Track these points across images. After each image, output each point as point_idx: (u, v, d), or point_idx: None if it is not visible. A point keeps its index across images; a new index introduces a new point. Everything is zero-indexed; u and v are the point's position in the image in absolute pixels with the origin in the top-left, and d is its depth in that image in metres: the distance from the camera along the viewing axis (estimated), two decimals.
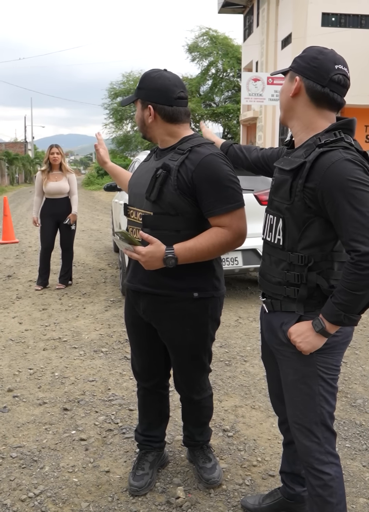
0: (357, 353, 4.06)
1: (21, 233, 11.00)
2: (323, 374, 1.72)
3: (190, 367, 2.26)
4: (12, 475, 2.48)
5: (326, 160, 1.55)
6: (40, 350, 4.16)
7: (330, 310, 1.58)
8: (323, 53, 1.66)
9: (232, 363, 3.86)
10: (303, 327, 1.67)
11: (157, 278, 2.07)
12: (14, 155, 40.79)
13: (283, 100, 1.76)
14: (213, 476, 2.38)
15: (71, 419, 3.02)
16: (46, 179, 6.00)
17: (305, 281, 1.67)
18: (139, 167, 2.26)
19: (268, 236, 1.79)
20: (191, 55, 31.75)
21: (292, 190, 1.64)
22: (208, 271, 2.12)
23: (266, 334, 1.87)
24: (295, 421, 1.80)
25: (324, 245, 1.65)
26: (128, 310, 2.34)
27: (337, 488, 1.75)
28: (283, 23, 19.84)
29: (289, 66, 1.74)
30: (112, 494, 2.34)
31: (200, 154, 1.96)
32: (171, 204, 1.98)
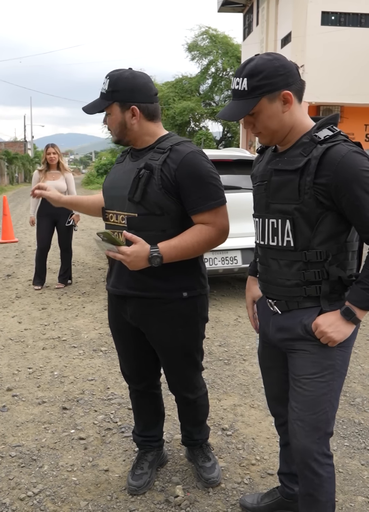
0: (356, 352, 4.07)
1: (20, 233, 11.00)
2: (340, 369, 1.72)
3: (183, 367, 2.23)
4: (11, 474, 2.49)
5: (334, 154, 1.57)
6: (40, 349, 4.17)
7: (360, 296, 1.61)
8: (275, 59, 1.61)
9: (231, 362, 3.86)
10: (331, 318, 1.66)
11: (144, 281, 2.04)
12: (14, 154, 40.79)
13: (274, 125, 1.66)
14: (212, 476, 2.38)
15: (70, 418, 3.03)
16: (43, 178, 5.98)
17: (326, 276, 1.67)
18: (113, 169, 2.20)
19: (272, 241, 1.74)
20: (190, 54, 31.73)
21: (300, 188, 1.62)
22: (195, 269, 2.13)
23: (276, 334, 1.81)
24: (299, 419, 1.75)
25: (338, 237, 1.66)
26: (112, 316, 2.28)
27: (328, 487, 1.78)
28: (283, 22, 19.83)
29: (252, 97, 1.60)
30: (111, 493, 2.35)
31: (181, 152, 1.96)
32: (157, 203, 1.95)
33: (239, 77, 1.63)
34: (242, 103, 1.63)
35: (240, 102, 1.64)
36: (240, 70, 1.64)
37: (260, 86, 1.59)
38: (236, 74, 1.66)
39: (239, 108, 1.64)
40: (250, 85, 1.60)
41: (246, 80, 1.60)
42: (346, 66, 17.21)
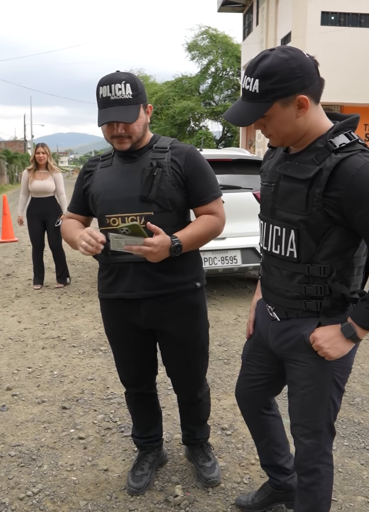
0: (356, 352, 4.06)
1: (20, 232, 10.99)
2: (337, 379, 1.69)
3: (197, 361, 2.26)
4: (10, 474, 2.49)
5: (349, 168, 1.45)
6: (39, 349, 4.16)
7: (364, 315, 1.53)
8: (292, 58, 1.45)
9: (231, 362, 3.86)
10: (330, 333, 1.59)
11: (160, 278, 2.05)
12: (14, 153, 40.78)
13: (287, 130, 1.53)
14: (212, 476, 2.38)
15: (70, 418, 3.02)
16: (32, 177, 5.98)
17: (328, 292, 1.59)
18: (98, 174, 2.09)
19: (275, 248, 1.67)
20: (190, 54, 31.78)
21: (308, 200, 1.52)
22: (199, 260, 2.21)
23: (275, 341, 1.77)
24: (298, 423, 1.76)
25: (344, 253, 1.57)
26: (115, 324, 2.22)
27: (325, 485, 1.79)
28: (283, 22, 19.83)
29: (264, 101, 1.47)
30: (111, 493, 2.34)
31: (182, 148, 2.06)
32: (170, 200, 2.00)
33: (250, 76, 1.47)
34: (252, 106, 1.49)
35: (250, 105, 1.50)
36: (251, 68, 1.47)
37: (274, 90, 1.44)
38: (247, 71, 1.49)
39: (249, 112, 1.51)
40: (262, 88, 1.45)
41: (258, 81, 1.45)
42: (345, 66, 17.23)
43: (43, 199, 6.03)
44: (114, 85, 1.89)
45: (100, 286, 2.22)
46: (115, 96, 1.89)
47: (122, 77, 1.91)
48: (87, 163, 2.18)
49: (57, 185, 6.05)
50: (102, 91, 1.92)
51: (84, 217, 2.21)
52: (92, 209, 2.14)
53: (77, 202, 2.19)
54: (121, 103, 1.89)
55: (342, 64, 17.18)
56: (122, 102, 1.90)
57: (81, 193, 2.16)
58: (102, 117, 1.92)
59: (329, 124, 1.57)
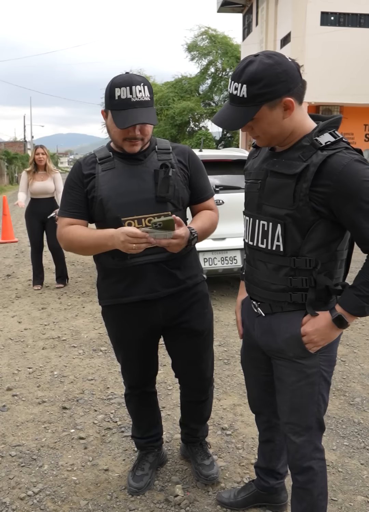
0: (355, 352, 4.07)
1: (20, 232, 10.99)
2: (324, 373, 1.73)
3: (208, 356, 2.32)
4: (11, 474, 2.49)
5: (335, 164, 1.52)
6: (39, 349, 4.17)
7: (354, 303, 1.59)
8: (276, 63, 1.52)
9: (231, 362, 3.87)
10: (320, 324, 1.64)
11: (175, 275, 2.10)
12: (14, 154, 40.76)
13: (274, 131, 1.60)
14: (211, 473, 2.39)
15: (70, 418, 3.03)
16: (32, 179, 6.01)
17: (313, 284, 1.64)
18: (108, 177, 2.03)
19: (261, 243, 1.72)
20: (190, 54, 31.76)
21: (295, 194, 1.58)
22: (197, 254, 2.31)
23: (262, 338, 1.81)
24: (289, 422, 1.79)
25: (329, 246, 1.63)
26: (126, 328, 2.17)
27: (320, 481, 1.81)
28: (282, 22, 19.84)
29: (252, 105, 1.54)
30: (111, 492, 2.35)
31: (183, 148, 2.16)
32: (182, 198, 2.08)
33: (237, 82, 1.54)
34: (241, 110, 1.56)
35: (238, 109, 1.57)
36: (238, 74, 1.54)
37: (261, 94, 1.51)
38: (233, 77, 1.56)
39: (238, 116, 1.57)
40: (250, 93, 1.51)
41: (246, 87, 1.51)
42: (345, 66, 17.23)
43: (42, 200, 6.05)
44: (135, 87, 1.87)
45: (108, 293, 2.15)
46: (137, 98, 1.88)
47: (139, 79, 1.90)
48: (82, 166, 2.07)
49: (56, 183, 6.09)
50: (120, 92, 1.88)
51: (85, 222, 2.10)
52: (98, 213, 2.05)
53: (78, 207, 2.06)
54: (143, 105, 1.90)
55: (342, 65, 17.19)
56: (143, 104, 1.90)
57: (82, 198, 2.05)
58: (127, 118, 1.88)
59: (313, 124, 1.65)
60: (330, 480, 2.41)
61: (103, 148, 2.12)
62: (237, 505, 2.22)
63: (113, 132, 1.99)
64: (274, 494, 2.19)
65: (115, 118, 1.91)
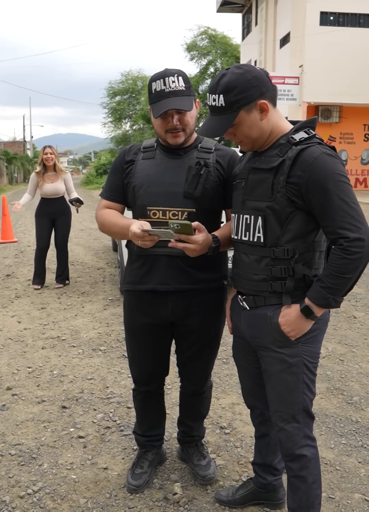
0: (353, 351, 4.09)
1: (20, 233, 11.02)
2: (307, 363, 1.80)
3: (212, 354, 2.33)
4: (11, 472, 2.51)
5: (307, 156, 1.64)
6: (39, 349, 4.18)
7: (318, 294, 1.66)
8: (246, 72, 1.67)
9: (230, 361, 3.88)
10: (291, 316, 1.73)
11: (193, 274, 2.09)
12: (13, 154, 40.80)
13: (254, 133, 1.74)
14: (208, 473, 2.40)
15: (69, 417, 3.04)
16: (41, 181, 5.99)
17: (291, 273, 1.72)
18: (140, 165, 2.11)
19: (244, 235, 1.82)
20: (189, 54, 31.74)
21: (273, 187, 1.69)
22: (226, 258, 2.26)
23: (247, 330, 1.89)
24: (277, 410, 1.86)
25: (306, 237, 1.72)
26: (138, 316, 2.20)
27: (313, 468, 1.86)
28: (282, 22, 19.86)
29: (230, 111, 1.69)
30: (110, 491, 2.36)
31: (226, 150, 2.15)
32: (212, 199, 2.07)
33: (214, 94, 1.69)
34: (221, 118, 1.71)
35: (219, 118, 1.71)
36: (214, 87, 1.69)
37: (237, 100, 1.66)
38: (210, 90, 1.71)
39: (220, 124, 1.72)
40: (227, 101, 1.66)
41: (222, 96, 1.67)
42: (345, 66, 17.25)
43: (53, 200, 6.08)
44: (168, 78, 1.94)
45: (130, 278, 2.20)
46: (170, 88, 1.94)
47: (173, 71, 1.97)
48: (126, 152, 2.17)
49: (68, 184, 6.11)
50: (155, 86, 1.96)
51: (121, 206, 2.21)
52: (130, 199, 2.14)
53: (116, 191, 2.18)
54: (176, 94, 1.94)
55: (341, 64, 17.21)
56: (177, 93, 1.95)
57: (120, 182, 2.16)
58: (159, 108, 1.95)
59: (289, 125, 1.79)
60: (328, 478, 2.43)
61: (153, 139, 2.19)
62: (235, 502, 2.23)
63: (155, 126, 2.06)
64: (272, 492, 2.21)
65: (153, 111, 1.99)
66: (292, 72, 18.11)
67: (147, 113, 28.01)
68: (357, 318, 5.00)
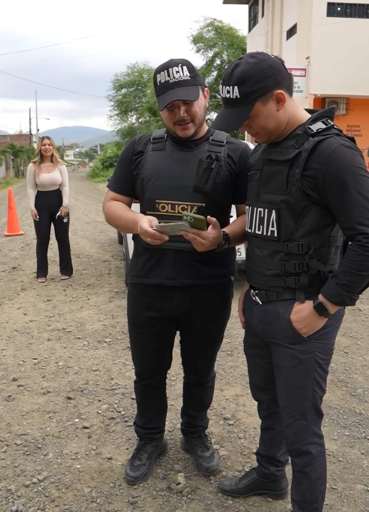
0: (358, 343, 4.09)
1: (26, 225, 11.05)
2: (319, 360, 1.76)
3: (216, 347, 2.33)
4: (16, 462, 2.53)
5: (325, 148, 1.57)
6: (45, 341, 4.21)
7: (333, 291, 1.61)
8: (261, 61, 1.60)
9: (234, 353, 3.89)
10: (304, 313, 1.68)
11: (200, 269, 2.06)
12: (19, 147, 40.83)
13: (271, 125, 1.67)
14: (211, 465, 2.42)
15: (74, 408, 3.07)
16: (38, 169, 6.03)
17: (306, 269, 1.67)
18: (149, 157, 2.06)
19: (258, 229, 1.77)
20: (195, 46, 31.51)
21: (288, 180, 1.64)
22: (234, 253, 2.24)
23: (259, 325, 1.87)
24: (286, 406, 1.84)
25: (321, 231, 1.66)
26: (142, 309, 2.19)
27: (318, 465, 1.84)
28: (288, 14, 19.69)
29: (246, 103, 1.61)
30: (114, 480, 2.39)
31: (239, 144, 2.09)
32: (222, 194, 2.03)
33: (228, 85, 1.62)
34: (236, 111, 1.64)
35: (234, 110, 1.64)
36: (227, 78, 1.62)
37: (252, 91, 1.59)
38: (224, 82, 1.64)
39: (235, 117, 1.65)
40: (242, 92, 1.59)
41: (237, 88, 1.59)
42: (352, 58, 17.08)
43: (50, 192, 6.10)
44: (171, 69, 1.89)
45: (135, 271, 2.17)
46: (174, 78, 1.88)
47: (178, 61, 1.92)
48: (136, 143, 2.12)
49: (63, 176, 6.13)
50: (160, 77, 1.91)
51: (129, 198, 2.17)
52: (139, 191, 2.10)
53: (123, 183, 2.14)
54: (181, 84, 1.88)
55: (349, 56, 17.04)
56: (181, 83, 1.89)
57: (128, 174, 2.12)
58: (164, 100, 1.90)
59: (307, 115, 1.72)
60: (331, 469, 2.44)
61: (163, 130, 2.14)
62: (238, 492, 2.25)
63: (163, 119, 2.01)
64: (275, 482, 2.23)
65: (159, 103, 1.94)
66: (298, 64, 17.97)
67: (153, 106, 27.96)
68: (362, 310, 5.00)
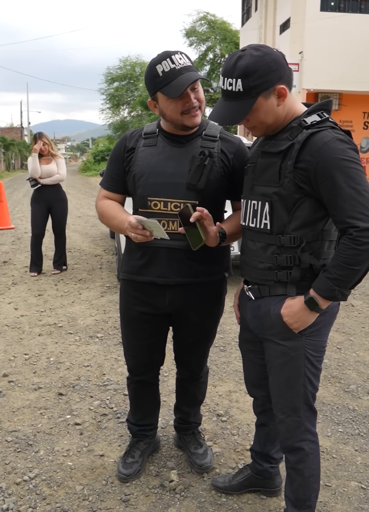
0: (351, 339, 4.09)
1: (17, 219, 10.97)
2: (310, 357, 1.75)
3: (208, 344, 2.32)
4: (7, 459, 2.50)
5: (318, 141, 1.56)
6: (36, 336, 4.17)
7: (324, 285, 1.59)
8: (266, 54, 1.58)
9: (227, 349, 3.88)
10: (295, 308, 1.67)
11: (194, 267, 2.03)
12: (10, 140, 40.52)
13: (270, 119, 1.66)
14: (205, 462, 2.40)
15: (66, 404, 3.04)
16: None
17: (298, 262, 1.66)
18: (141, 153, 2.02)
19: (251, 222, 1.76)
20: (188, 40, 31.40)
21: (281, 172, 1.63)
22: (228, 249, 2.20)
23: (252, 321, 1.85)
24: (278, 402, 1.84)
25: (314, 225, 1.65)
26: (134, 304, 2.16)
27: (311, 463, 1.84)
28: (282, 8, 19.62)
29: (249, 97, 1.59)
30: (107, 478, 2.36)
31: (234, 140, 2.04)
32: (216, 191, 1.99)
33: (231, 78, 1.58)
34: (238, 104, 1.60)
35: (235, 104, 1.61)
36: (230, 70, 1.58)
37: (256, 85, 1.56)
38: (226, 73, 1.60)
39: (237, 111, 1.62)
40: (246, 86, 1.56)
41: (241, 80, 1.56)
42: (345, 53, 17.07)
43: (49, 187, 6.09)
44: (174, 56, 1.85)
45: (128, 267, 2.15)
46: (180, 64, 1.84)
47: (176, 51, 1.88)
48: (127, 139, 2.07)
49: (58, 167, 6.15)
50: (162, 67, 1.84)
51: (122, 196, 2.15)
52: (131, 188, 2.07)
53: (116, 181, 2.11)
54: (188, 69, 1.85)
55: (342, 51, 17.03)
56: (188, 68, 1.85)
57: (120, 172, 2.08)
58: (177, 86, 1.82)
59: (303, 108, 1.71)
60: (324, 466, 2.43)
61: (154, 124, 2.09)
62: (232, 489, 2.24)
63: (169, 111, 1.92)
64: (269, 479, 2.21)
65: (168, 92, 1.84)
66: (291, 58, 17.91)
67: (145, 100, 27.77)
68: (354, 306, 5.00)
